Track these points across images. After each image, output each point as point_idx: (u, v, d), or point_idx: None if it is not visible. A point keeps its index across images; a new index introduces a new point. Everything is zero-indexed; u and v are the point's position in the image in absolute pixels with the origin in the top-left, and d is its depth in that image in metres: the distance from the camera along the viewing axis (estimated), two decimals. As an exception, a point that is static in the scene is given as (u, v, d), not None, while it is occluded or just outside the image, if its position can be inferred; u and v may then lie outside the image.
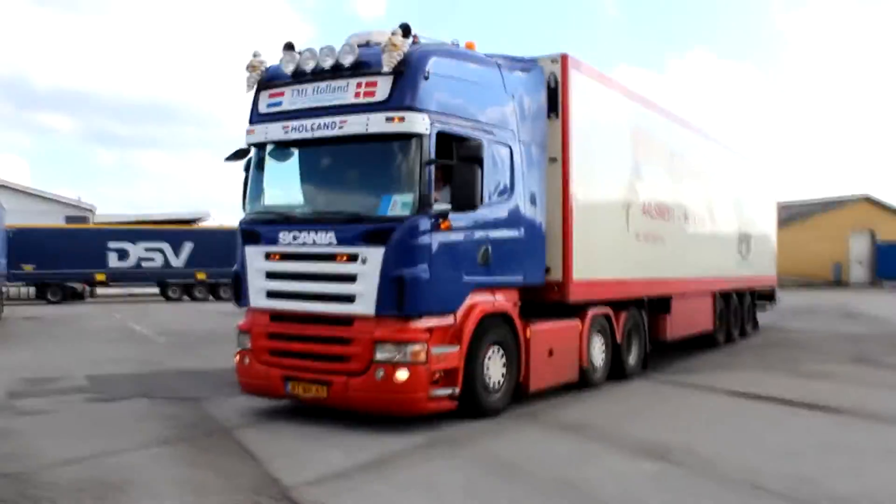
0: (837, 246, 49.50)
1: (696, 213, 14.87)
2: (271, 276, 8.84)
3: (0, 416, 9.24)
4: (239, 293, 9.14)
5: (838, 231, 49.60)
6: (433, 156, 8.19)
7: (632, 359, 12.44)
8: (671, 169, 13.79)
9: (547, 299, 10.29)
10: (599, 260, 11.12)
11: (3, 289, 16.50)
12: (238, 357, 9.14)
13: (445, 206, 8.28)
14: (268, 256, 8.81)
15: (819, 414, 9.62)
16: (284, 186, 9.35)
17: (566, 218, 10.34)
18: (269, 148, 9.18)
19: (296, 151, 9.13)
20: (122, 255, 36.71)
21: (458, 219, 8.39)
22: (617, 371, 11.85)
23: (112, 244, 36.71)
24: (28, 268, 33.74)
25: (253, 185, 9.31)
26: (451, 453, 7.51)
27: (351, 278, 8.21)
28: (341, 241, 8.27)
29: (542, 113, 10.17)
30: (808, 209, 50.94)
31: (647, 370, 12.79)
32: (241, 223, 9.22)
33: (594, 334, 11.21)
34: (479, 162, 8.35)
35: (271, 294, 8.84)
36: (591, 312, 11.02)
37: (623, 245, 12.00)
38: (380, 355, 8.05)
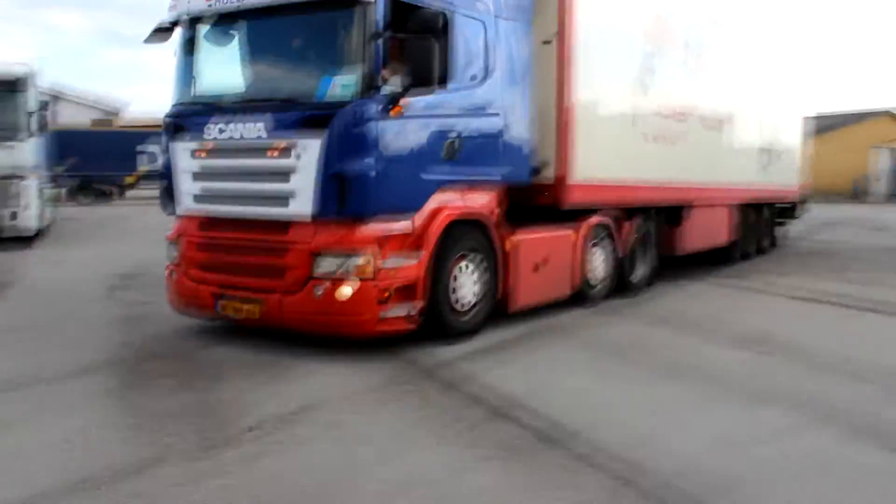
0: (858, 160, 47.37)
1: (715, 114, 13.08)
2: (198, 176, 7.47)
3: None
4: (167, 198, 7.80)
5: (859, 145, 47.40)
6: (382, 28, 6.68)
7: (637, 275, 11.04)
8: (688, 62, 12.02)
9: (539, 203, 8.87)
10: (601, 160, 9.61)
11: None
12: (167, 272, 7.85)
13: (396, 89, 6.81)
14: (194, 153, 7.43)
15: (886, 315, 9.66)
16: (215, 72, 7.87)
17: (562, 109, 8.82)
18: (197, 26, 7.69)
19: (225, 29, 7.63)
20: (152, 157, 34.66)
21: (415, 104, 6.91)
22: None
23: (141, 147, 35.56)
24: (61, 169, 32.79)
25: (180, 70, 7.86)
26: (562, 340, 8.05)
27: (285, 175, 6.82)
28: (273, 132, 6.85)
29: (530, -13, 8.54)
30: (829, 122, 48.43)
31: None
32: (165, 115, 7.82)
33: (593, 245, 9.80)
34: (437, 35, 6.82)
35: (199, 197, 7.49)
36: (590, 220, 9.58)
37: (630, 144, 10.42)
38: (319, 269, 6.71)
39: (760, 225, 16.63)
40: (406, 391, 6.10)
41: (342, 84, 6.71)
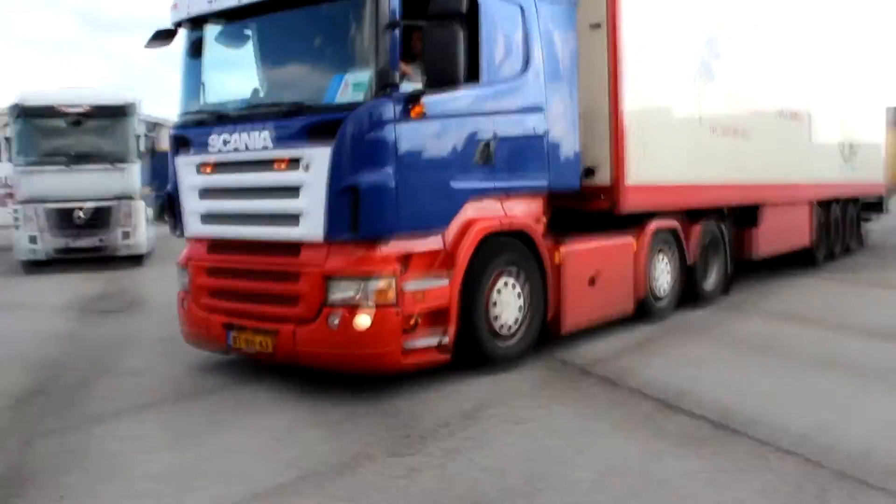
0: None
1: (791, 104, 11.78)
2: (204, 193, 6.71)
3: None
4: (175, 218, 7.07)
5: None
6: (398, 17, 5.81)
7: (709, 283, 9.91)
8: (759, 46, 10.81)
9: (591, 209, 7.87)
10: (663, 158, 8.56)
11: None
12: (178, 300, 7.12)
13: (415, 85, 5.92)
14: (199, 169, 6.67)
15: None
16: (221, 78, 7.13)
17: (615, 102, 7.81)
18: (201, 28, 6.95)
19: (229, 30, 6.87)
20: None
21: (439, 102, 6.01)
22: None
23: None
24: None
25: (185, 77, 7.13)
26: (697, 337, 8.12)
27: (293, 191, 5.99)
28: (278, 142, 6.03)
29: (575, -37, 7.55)
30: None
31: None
32: (171, 128, 7.10)
33: (656, 253, 8.74)
34: (463, 21, 5.90)
35: (206, 218, 6.73)
36: (651, 225, 8.53)
37: (695, 139, 9.29)
38: (333, 295, 5.85)
39: (845, 223, 15.19)
40: (572, 388, 6.36)
41: (354, 83, 5.86)
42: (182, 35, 7.07)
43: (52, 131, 15.68)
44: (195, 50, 7.03)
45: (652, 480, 4.37)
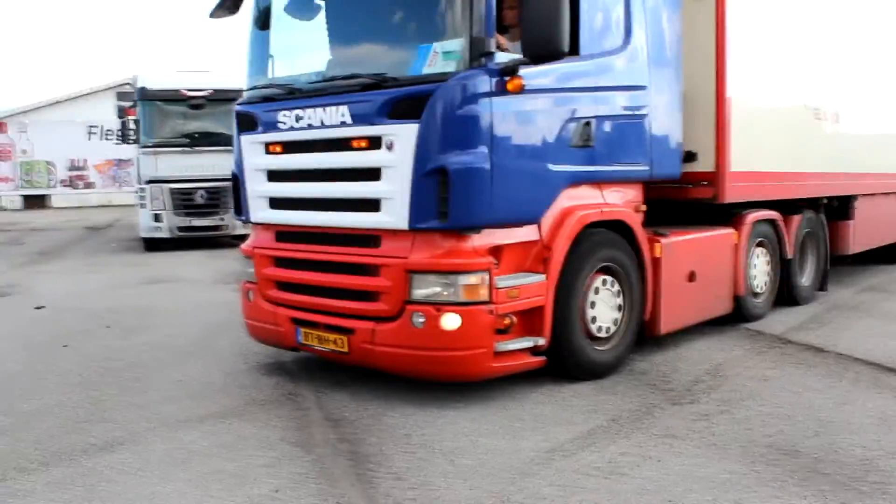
0: None
1: (886, 89, 10.86)
2: (273, 176, 6.13)
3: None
4: (239, 202, 6.51)
5: None
6: None
7: (805, 279, 9.11)
8: (856, 30, 9.89)
9: (689, 198, 7.15)
10: (766, 144, 7.80)
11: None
12: (242, 291, 6.56)
13: (514, 56, 5.24)
14: (267, 148, 6.09)
15: None
16: (293, 49, 6.53)
17: (720, 83, 7.04)
18: (271, -6, 6.36)
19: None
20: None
21: (537, 76, 5.33)
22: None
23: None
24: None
25: (252, 50, 6.55)
26: (864, 314, 8.50)
27: (373, 174, 5.37)
28: (358, 118, 5.41)
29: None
30: None
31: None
32: (236, 104, 6.53)
33: (754, 247, 7.97)
34: None
35: (275, 203, 6.15)
36: (751, 216, 7.76)
37: (798, 125, 8.49)
38: (418, 291, 5.23)
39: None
40: (784, 353, 6.81)
41: (444, 52, 5.20)
42: (249, 4, 6.47)
43: (175, 114, 16.50)
44: (262, 18, 6.45)
45: None
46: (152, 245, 16.50)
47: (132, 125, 16.89)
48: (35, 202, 36.52)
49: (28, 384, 6.19)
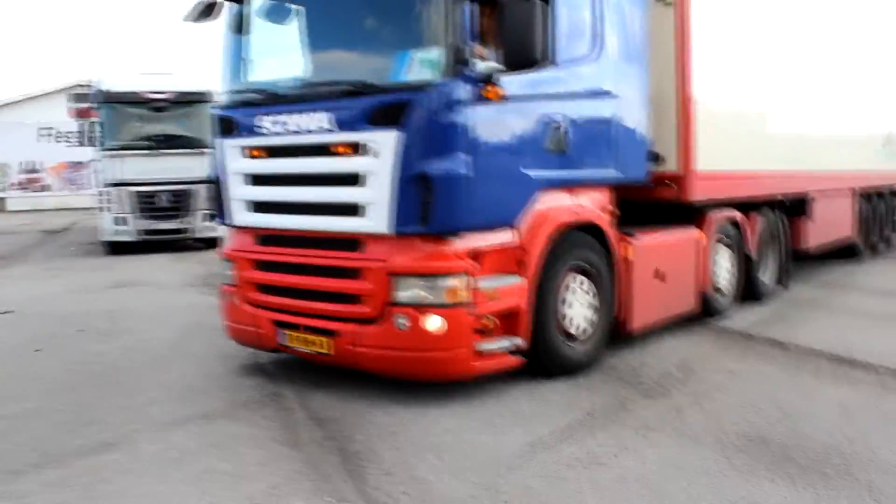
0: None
1: (838, 92, 11.25)
2: (254, 180, 6.23)
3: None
4: (220, 206, 6.59)
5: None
6: None
7: (767, 276, 9.44)
8: (813, 36, 10.27)
9: (656, 198, 7.39)
10: (729, 145, 8.09)
11: None
12: (222, 294, 6.65)
13: (491, 64, 5.42)
14: (247, 153, 6.19)
15: None
16: (271, 53, 6.63)
17: (685, 87, 7.32)
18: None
19: (280, 1, 6.38)
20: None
21: (513, 83, 5.51)
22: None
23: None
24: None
25: (228, 54, 6.63)
26: (823, 310, 8.88)
27: (355, 179, 5.51)
28: (340, 125, 5.54)
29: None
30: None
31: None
32: (213, 108, 6.61)
33: (718, 246, 8.26)
34: None
35: (256, 206, 6.25)
36: (715, 216, 8.05)
37: (760, 127, 8.85)
38: (400, 294, 5.38)
39: (886, 214, 14.69)
40: (749, 348, 7.14)
41: (423, 60, 5.37)
42: (225, 8, 6.56)
43: (136, 117, 16.33)
44: (239, 22, 6.54)
45: (888, 413, 5.21)
46: (116, 248, 16.39)
47: (92, 128, 16.77)
48: (-12, 206, 35.82)
49: (6, 388, 6.21)
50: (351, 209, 5.55)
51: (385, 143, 5.30)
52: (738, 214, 8.50)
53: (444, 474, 4.29)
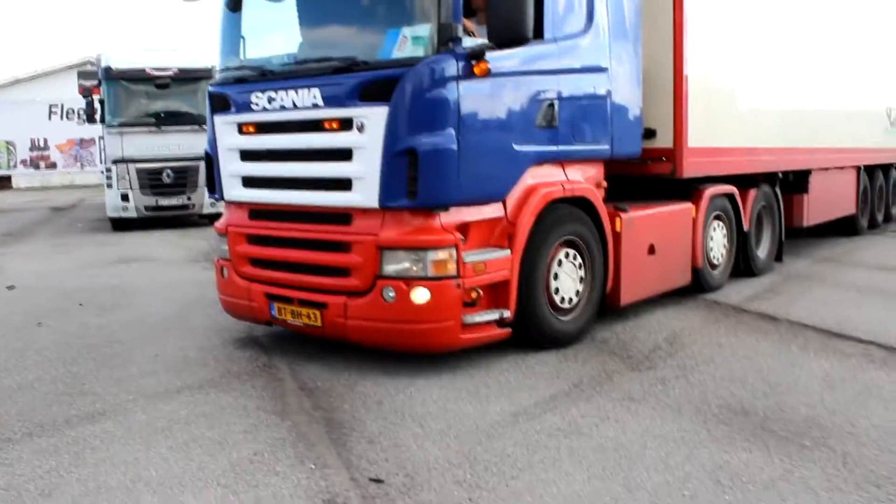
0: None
1: (839, 67, 11.19)
2: (246, 156, 6.30)
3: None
4: (213, 181, 6.67)
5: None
6: None
7: (762, 250, 9.46)
8: (810, 9, 10.22)
9: (648, 173, 7.43)
10: (724, 120, 8.12)
11: None
12: (216, 269, 6.74)
13: (481, 41, 5.45)
14: (240, 129, 6.25)
15: None
16: (264, 30, 6.66)
17: (679, 60, 7.33)
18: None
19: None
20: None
21: (503, 59, 5.54)
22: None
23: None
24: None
25: (224, 31, 6.69)
26: (818, 284, 8.95)
27: (345, 154, 5.57)
28: (329, 101, 5.59)
29: None
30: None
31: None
32: (209, 85, 6.67)
33: (712, 221, 8.29)
34: None
35: (248, 182, 6.33)
36: (709, 191, 8.07)
37: (754, 101, 8.83)
38: (388, 267, 5.45)
39: (888, 190, 14.65)
40: (740, 321, 7.20)
41: (413, 37, 5.40)
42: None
43: (141, 94, 16.47)
44: (235, 2, 6.57)
45: (870, 386, 5.27)
46: (120, 225, 16.54)
47: (98, 105, 16.85)
48: (-4, 183, 36.08)
49: (6, 361, 6.32)
50: (341, 184, 5.61)
51: (374, 119, 5.34)
52: (733, 189, 8.51)
53: (425, 441, 4.37)
